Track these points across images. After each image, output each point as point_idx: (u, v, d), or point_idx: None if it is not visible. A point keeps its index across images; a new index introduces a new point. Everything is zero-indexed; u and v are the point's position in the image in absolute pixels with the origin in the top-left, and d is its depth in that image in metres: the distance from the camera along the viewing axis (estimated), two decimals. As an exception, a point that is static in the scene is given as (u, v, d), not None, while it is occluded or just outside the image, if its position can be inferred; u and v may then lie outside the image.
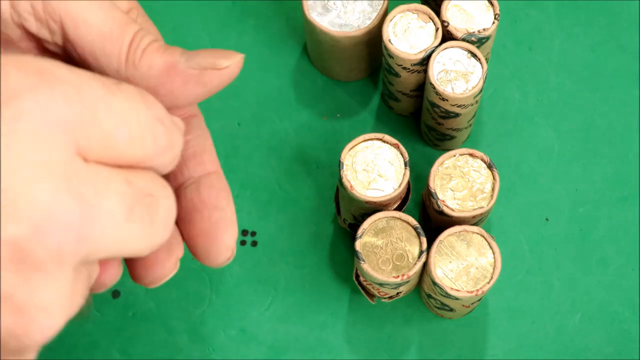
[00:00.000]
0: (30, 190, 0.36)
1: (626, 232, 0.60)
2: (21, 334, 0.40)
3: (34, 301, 0.38)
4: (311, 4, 0.58)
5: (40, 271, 0.37)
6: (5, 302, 0.37)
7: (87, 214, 0.37)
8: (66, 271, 0.38)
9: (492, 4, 0.55)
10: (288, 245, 0.60)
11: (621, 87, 0.62)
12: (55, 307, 0.40)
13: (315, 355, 0.58)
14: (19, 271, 0.37)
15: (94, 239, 0.37)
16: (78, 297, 0.40)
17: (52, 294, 0.39)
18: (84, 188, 0.37)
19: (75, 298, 0.40)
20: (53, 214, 0.36)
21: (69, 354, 0.58)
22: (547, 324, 0.58)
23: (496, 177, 0.54)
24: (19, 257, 0.36)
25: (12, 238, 0.36)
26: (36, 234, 0.36)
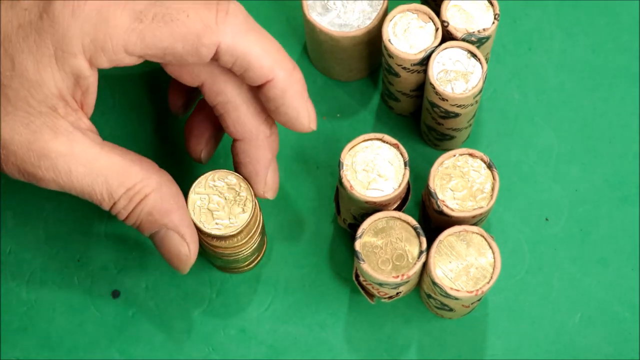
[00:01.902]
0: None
1: (626, 232, 0.60)
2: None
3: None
4: (311, 4, 0.58)
5: None
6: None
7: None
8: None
9: (492, 4, 0.55)
10: (288, 245, 0.60)
11: (621, 87, 0.62)
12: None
13: (315, 355, 0.58)
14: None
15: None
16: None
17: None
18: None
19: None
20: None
21: (69, 354, 0.58)
22: (547, 324, 0.58)
23: (496, 177, 0.54)
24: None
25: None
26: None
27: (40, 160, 0.48)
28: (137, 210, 0.51)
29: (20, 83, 0.48)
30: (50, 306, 0.59)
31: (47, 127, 0.48)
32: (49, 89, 0.48)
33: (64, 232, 0.60)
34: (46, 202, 0.60)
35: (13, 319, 0.59)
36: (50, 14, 0.47)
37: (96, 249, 0.60)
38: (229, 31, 0.49)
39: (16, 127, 0.48)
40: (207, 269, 0.59)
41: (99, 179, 0.49)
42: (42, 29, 0.47)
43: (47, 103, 0.48)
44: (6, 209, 0.60)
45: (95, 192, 0.49)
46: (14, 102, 0.48)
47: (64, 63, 0.48)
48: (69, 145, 0.48)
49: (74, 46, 0.47)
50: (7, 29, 0.48)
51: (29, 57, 0.48)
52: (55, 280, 0.59)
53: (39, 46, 0.47)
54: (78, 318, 0.59)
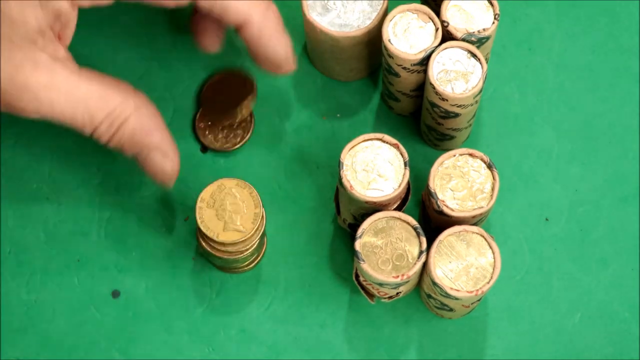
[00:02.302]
0: None
1: (626, 232, 0.60)
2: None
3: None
4: (311, 4, 0.58)
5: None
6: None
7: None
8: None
9: (492, 4, 0.55)
10: (288, 245, 0.60)
11: (621, 87, 0.62)
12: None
13: (315, 355, 0.58)
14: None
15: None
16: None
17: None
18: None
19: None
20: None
21: (69, 354, 0.58)
22: (547, 324, 0.58)
23: (496, 177, 0.54)
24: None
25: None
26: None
27: (23, 93, 0.50)
28: (119, 133, 0.52)
29: (3, 22, 0.49)
30: (50, 306, 0.59)
31: (28, 60, 0.49)
32: (31, 26, 0.49)
33: (64, 233, 0.60)
34: (46, 203, 0.60)
35: (13, 319, 0.59)
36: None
37: (96, 249, 0.60)
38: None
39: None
40: (207, 269, 0.59)
41: (79, 107, 0.51)
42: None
43: (27, 38, 0.49)
44: (6, 209, 0.60)
45: (77, 119, 0.51)
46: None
47: (47, 3, 0.49)
48: (49, 77, 0.50)
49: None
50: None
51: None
52: (55, 280, 0.59)
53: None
54: (78, 318, 0.59)
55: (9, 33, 0.49)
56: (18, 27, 0.49)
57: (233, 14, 0.52)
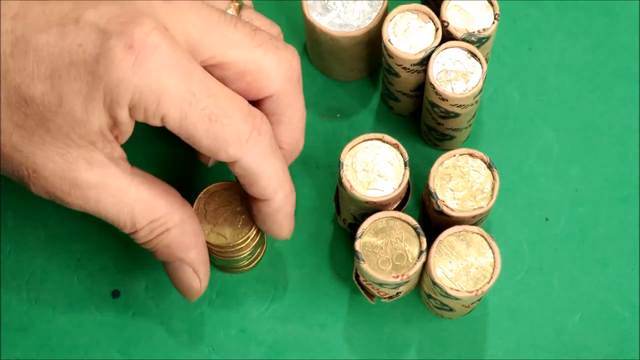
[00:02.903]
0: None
1: (626, 232, 0.60)
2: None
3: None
4: (311, 4, 0.58)
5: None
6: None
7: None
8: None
9: (492, 4, 0.55)
10: (288, 245, 0.60)
11: (621, 87, 0.62)
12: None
13: (315, 355, 0.58)
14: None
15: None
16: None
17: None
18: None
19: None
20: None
21: (69, 354, 0.58)
22: (547, 324, 0.58)
23: (496, 177, 0.54)
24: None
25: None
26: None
27: (71, 189, 0.49)
28: (157, 240, 0.52)
29: (65, 119, 0.47)
30: (50, 306, 0.59)
31: (82, 159, 0.48)
32: (92, 127, 0.48)
33: (64, 232, 0.60)
34: (46, 203, 0.60)
35: (13, 319, 0.59)
36: (109, 60, 0.46)
37: (96, 249, 0.60)
38: (254, 152, 0.50)
39: (52, 155, 0.48)
40: (207, 269, 0.59)
41: (125, 210, 0.50)
42: (96, 73, 0.46)
43: (87, 138, 0.48)
44: (6, 209, 0.60)
45: (120, 220, 0.50)
46: (55, 135, 0.48)
47: (111, 110, 0.47)
48: (101, 178, 0.49)
49: (123, 98, 0.47)
50: (58, 64, 0.47)
51: (78, 98, 0.47)
52: (55, 280, 0.59)
53: (91, 90, 0.47)
54: (78, 318, 0.59)
55: (68, 131, 0.47)
56: (79, 127, 0.47)
57: (261, 189, 0.51)
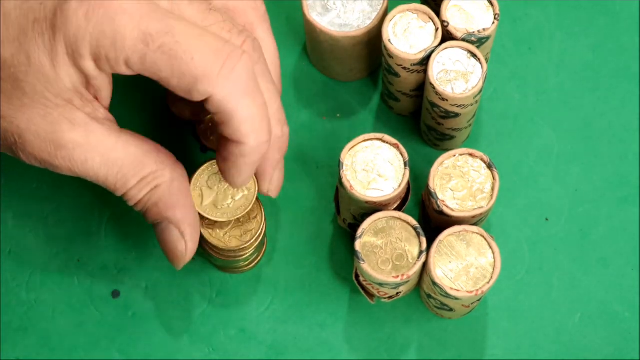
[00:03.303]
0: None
1: (626, 232, 0.60)
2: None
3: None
4: (311, 4, 0.58)
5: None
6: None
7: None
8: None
9: (492, 4, 0.55)
10: (288, 245, 0.60)
11: (621, 87, 0.62)
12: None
13: (315, 355, 0.58)
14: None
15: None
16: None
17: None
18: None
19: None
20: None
21: (69, 354, 0.58)
22: (547, 324, 0.58)
23: (496, 177, 0.54)
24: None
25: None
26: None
27: (57, 150, 0.49)
28: (145, 198, 0.52)
29: (37, 78, 0.48)
30: (50, 306, 0.59)
31: (64, 118, 0.49)
32: (64, 84, 0.48)
33: (64, 233, 0.60)
34: (46, 203, 0.60)
35: (13, 319, 0.59)
36: (65, 11, 0.48)
37: (96, 249, 0.60)
38: (226, 87, 0.49)
39: (33, 118, 0.49)
40: (207, 269, 0.59)
41: (114, 169, 0.50)
42: (56, 25, 0.48)
43: (63, 96, 0.49)
44: (6, 209, 0.60)
45: (109, 180, 0.51)
46: (31, 96, 0.48)
47: (76, 62, 0.48)
48: (85, 136, 0.49)
49: (82, 48, 0.48)
50: (23, 23, 0.48)
51: (44, 53, 0.48)
52: (55, 280, 0.59)
53: (54, 43, 0.48)
54: (78, 318, 0.59)
55: (43, 90, 0.48)
56: (52, 84, 0.48)
57: (232, 130, 0.50)
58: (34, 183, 0.61)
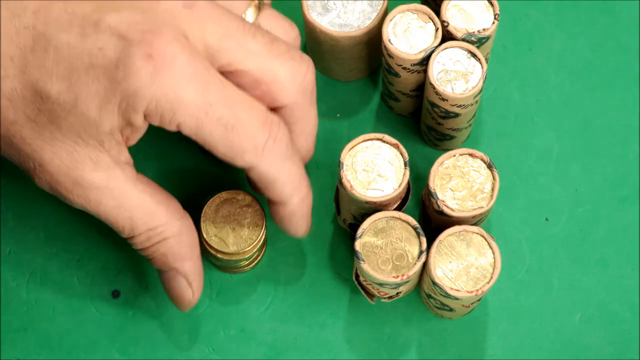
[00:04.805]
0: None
1: (626, 232, 0.60)
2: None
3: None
4: (311, 4, 0.58)
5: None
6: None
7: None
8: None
9: (492, 4, 0.55)
10: (288, 245, 0.60)
11: (621, 87, 0.62)
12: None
13: (315, 355, 0.58)
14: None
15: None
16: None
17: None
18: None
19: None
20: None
21: (69, 354, 0.58)
22: (547, 324, 0.58)
23: (496, 177, 0.54)
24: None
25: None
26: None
27: (74, 187, 0.49)
28: (153, 248, 0.52)
29: (77, 119, 0.48)
30: (50, 306, 0.59)
31: (89, 158, 0.49)
32: (104, 128, 0.48)
33: (64, 232, 0.60)
34: (46, 202, 0.60)
35: (13, 319, 0.59)
36: (129, 67, 0.47)
37: (96, 249, 0.60)
38: (269, 159, 0.50)
39: (59, 152, 0.49)
40: (207, 269, 0.59)
41: (125, 214, 0.51)
42: (115, 79, 0.47)
43: (97, 138, 0.49)
44: (6, 209, 0.60)
45: (119, 223, 0.51)
46: (65, 133, 0.48)
47: (126, 114, 0.48)
48: (105, 180, 0.50)
49: (139, 105, 0.47)
50: (77, 64, 0.47)
51: (94, 100, 0.47)
52: (55, 280, 0.59)
53: (108, 93, 0.47)
54: (78, 318, 0.59)
55: (79, 130, 0.48)
56: (91, 127, 0.48)
57: (277, 193, 0.52)
58: (34, 183, 0.60)
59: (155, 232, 0.51)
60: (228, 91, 0.49)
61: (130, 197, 0.50)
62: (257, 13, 0.53)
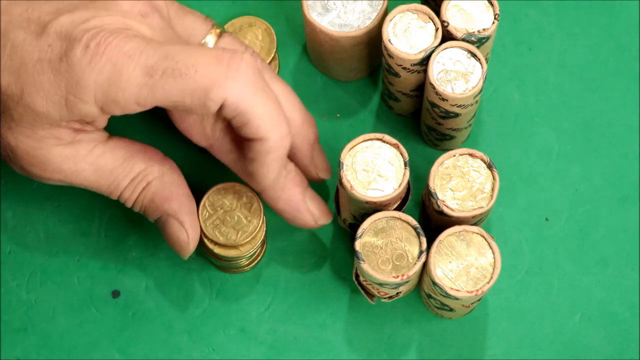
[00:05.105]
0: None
1: (626, 232, 0.60)
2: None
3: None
4: (311, 4, 0.58)
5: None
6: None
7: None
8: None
9: (492, 4, 0.55)
10: (288, 245, 0.60)
11: (621, 87, 0.62)
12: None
13: (315, 355, 0.58)
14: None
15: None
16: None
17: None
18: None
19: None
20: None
21: (69, 354, 0.58)
22: (547, 324, 0.58)
23: (496, 177, 0.54)
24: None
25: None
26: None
27: (46, 165, 0.51)
28: (141, 197, 0.53)
29: (24, 110, 0.50)
30: (50, 306, 0.59)
31: (50, 136, 0.51)
32: (53, 119, 0.50)
33: (64, 232, 0.60)
34: (46, 202, 0.60)
35: (13, 319, 0.59)
36: (70, 59, 0.49)
37: (96, 249, 0.60)
38: (237, 89, 0.50)
39: (20, 137, 0.51)
40: (207, 269, 0.59)
41: (104, 175, 0.52)
42: (58, 71, 0.49)
43: (50, 125, 0.50)
44: (6, 209, 0.60)
45: (101, 185, 0.52)
46: (17, 122, 0.50)
47: (73, 107, 0.49)
48: (73, 150, 0.51)
49: (86, 94, 0.49)
50: (27, 58, 0.49)
51: (39, 93, 0.49)
52: (55, 280, 0.59)
53: (52, 86, 0.49)
54: (78, 318, 0.59)
55: (29, 120, 0.50)
56: (40, 118, 0.50)
57: (254, 128, 0.52)
58: (34, 183, 0.61)
59: (137, 180, 0.53)
60: (164, 47, 0.50)
61: (103, 157, 0.52)
62: (216, 40, 0.55)
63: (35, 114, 0.50)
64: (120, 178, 0.52)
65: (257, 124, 0.51)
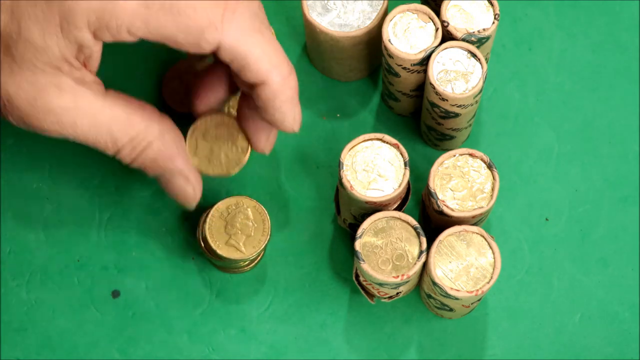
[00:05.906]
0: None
1: (626, 232, 0.60)
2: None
3: None
4: (311, 4, 0.58)
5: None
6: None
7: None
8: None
9: (492, 4, 0.55)
10: (288, 245, 0.60)
11: (621, 87, 0.62)
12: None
13: (315, 355, 0.58)
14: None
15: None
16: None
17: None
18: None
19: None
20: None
21: (69, 354, 0.58)
22: (547, 324, 0.58)
23: (496, 177, 0.54)
24: None
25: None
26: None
27: (45, 115, 0.51)
28: (142, 156, 0.53)
29: (25, 47, 0.49)
30: (50, 306, 0.59)
31: (52, 84, 0.50)
32: (53, 53, 0.50)
33: (64, 233, 0.60)
34: (46, 203, 0.60)
35: (13, 319, 0.59)
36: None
37: (96, 249, 0.60)
38: (233, 31, 0.50)
39: (21, 84, 0.50)
40: (207, 269, 0.59)
41: (102, 130, 0.51)
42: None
43: (51, 64, 0.50)
44: (6, 209, 0.60)
45: (100, 141, 0.52)
46: (19, 63, 0.50)
47: (69, 33, 0.49)
48: (73, 100, 0.51)
49: (79, 20, 0.49)
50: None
51: (35, 24, 0.49)
52: (55, 280, 0.59)
53: (46, 15, 0.49)
54: (78, 318, 0.59)
55: (31, 58, 0.50)
56: (40, 53, 0.50)
57: (254, 71, 0.51)
58: (34, 183, 0.61)
59: (138, 140, 0.52)
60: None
61: (102, 112, 0.51)
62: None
63: (35, 50, 0.49)
64: (119, 135, 0.52)
65: (257, 67, 0.51)
